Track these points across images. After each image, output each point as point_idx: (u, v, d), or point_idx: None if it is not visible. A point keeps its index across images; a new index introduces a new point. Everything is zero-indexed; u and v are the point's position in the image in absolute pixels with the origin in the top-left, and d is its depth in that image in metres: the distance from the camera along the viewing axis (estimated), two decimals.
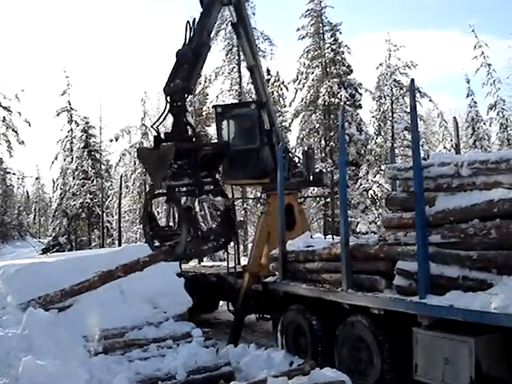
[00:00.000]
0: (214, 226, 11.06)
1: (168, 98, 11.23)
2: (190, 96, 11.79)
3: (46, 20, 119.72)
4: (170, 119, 11.86)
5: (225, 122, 14.46)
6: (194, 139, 11.47)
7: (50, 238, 41.77)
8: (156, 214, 11.63)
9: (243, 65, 27.72)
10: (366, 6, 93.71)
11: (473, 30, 36.75)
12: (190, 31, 11.93)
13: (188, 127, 11.73)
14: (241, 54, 30.77)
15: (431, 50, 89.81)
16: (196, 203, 11.97)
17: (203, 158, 10.67)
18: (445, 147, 38.16)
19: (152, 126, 11.44)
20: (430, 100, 36.18)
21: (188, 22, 11.98)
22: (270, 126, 13.82)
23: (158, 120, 11.28)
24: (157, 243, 11.14)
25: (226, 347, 10.48)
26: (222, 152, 12.31)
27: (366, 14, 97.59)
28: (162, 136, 11.52)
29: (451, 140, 36.97)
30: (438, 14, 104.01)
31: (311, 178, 14.40)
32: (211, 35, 12.78)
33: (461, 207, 6.93)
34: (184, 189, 11.55)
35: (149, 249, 11.84)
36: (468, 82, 38.22)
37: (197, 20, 12.22)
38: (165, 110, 11.19)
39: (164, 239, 10.15)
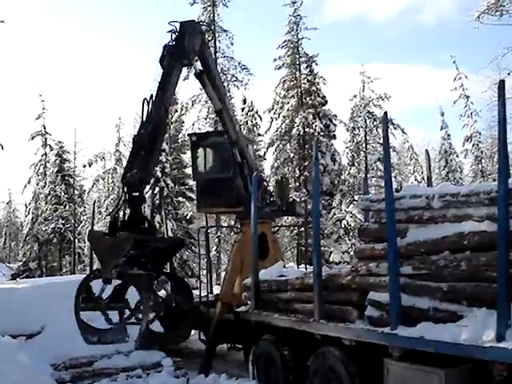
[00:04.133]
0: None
1: (125, 188, 10.72)
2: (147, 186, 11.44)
3: (20, 44, 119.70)
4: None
5: (200, 150, 14.57)
6: (149, 231, 11.11)
7: (20, 263, 41.04)
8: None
9: None
10: (327, 41, 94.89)
11: (454, 62, 37.53)
12: (148, 107, 11.22)
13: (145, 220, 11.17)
14: None
15: (397, 84, 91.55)
16: None
17: (156, 249, 10.50)
18: (416, 179, 38.60)
19: (110, 214, 11.26)
20: (403, 132, 36.65)
21: (145, 98, 11.24)
22: (241, 159, 13.79)
23: (115, 208, 11.04)
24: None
25: (197, 377, 10.39)
26: (176, 247, 12.46)
27: (330, 48, 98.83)
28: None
29: (422, 172, 37.47)
30: (400, 48, 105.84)
31: (284, 207, 14.48)
32: (169, 107, 12.38)
33: (432, 239, 7.00)
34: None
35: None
36: (442, 115, 38.96)
37: (154, 95, 11.46)
38: (120, 199, 10.79)
39: (96, 309, 9.71)
